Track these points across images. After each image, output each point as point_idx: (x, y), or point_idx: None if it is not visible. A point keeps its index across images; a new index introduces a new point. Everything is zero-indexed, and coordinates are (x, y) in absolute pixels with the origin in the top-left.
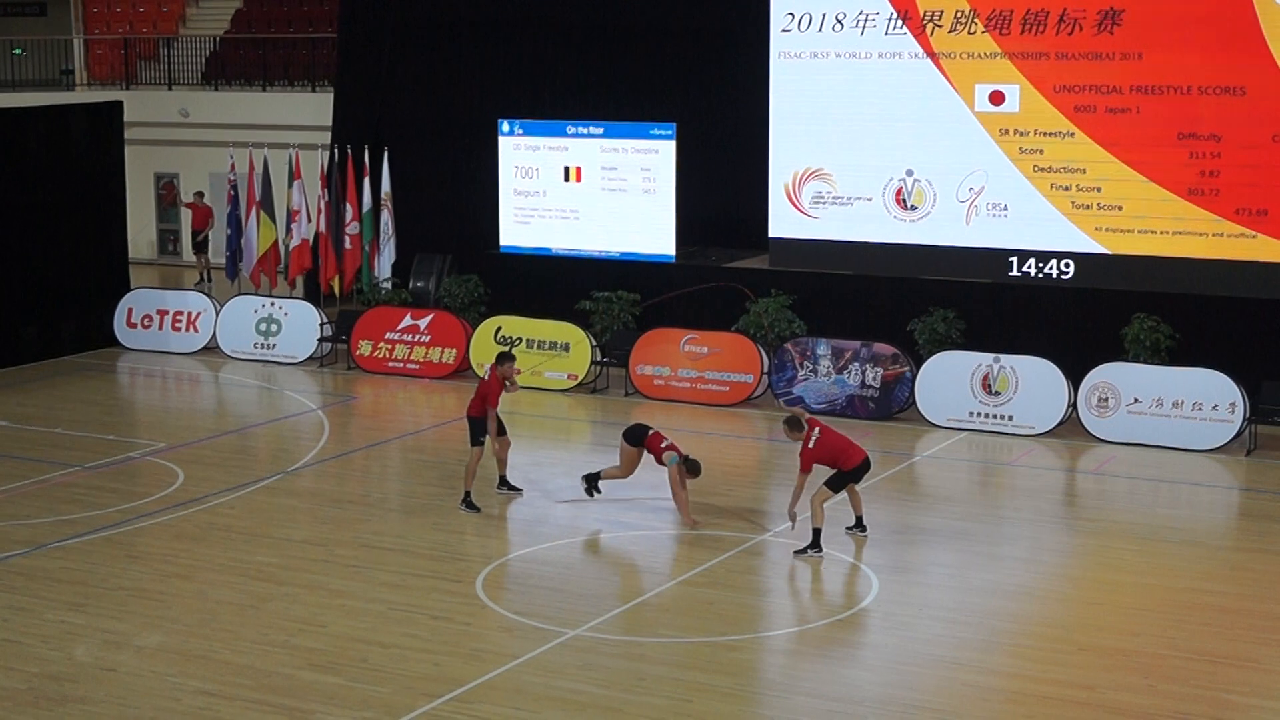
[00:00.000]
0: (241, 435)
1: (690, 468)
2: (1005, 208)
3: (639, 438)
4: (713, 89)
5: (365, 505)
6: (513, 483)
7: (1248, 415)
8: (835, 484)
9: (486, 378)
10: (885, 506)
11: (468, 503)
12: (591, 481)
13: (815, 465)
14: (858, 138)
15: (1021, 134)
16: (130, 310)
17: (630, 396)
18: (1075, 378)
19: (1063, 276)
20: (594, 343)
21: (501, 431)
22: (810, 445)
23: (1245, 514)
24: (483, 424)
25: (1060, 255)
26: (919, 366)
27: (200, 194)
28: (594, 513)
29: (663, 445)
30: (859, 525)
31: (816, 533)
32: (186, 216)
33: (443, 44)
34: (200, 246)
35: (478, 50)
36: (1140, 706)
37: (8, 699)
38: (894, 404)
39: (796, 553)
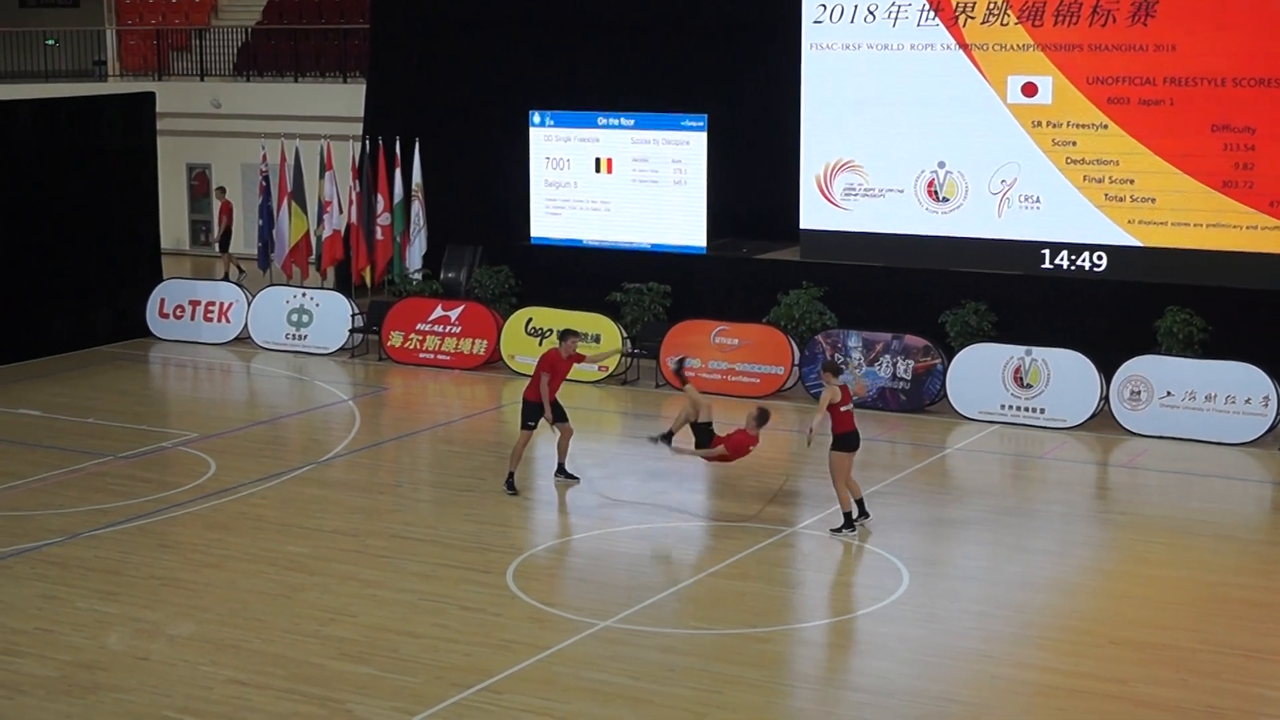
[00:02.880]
0: (273, 426)
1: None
2: (1038, 200)
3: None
4: (744, 80)
5: (396, 496)
6: (570, 471)
7: None
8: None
9: (553, 353)
10: (916, 499)
11: (510, 484)
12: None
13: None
14: (889, 129)
15: (1054, 126)
16: (162, 301)
17: (661, 388)
18: (1107, 371)
19: (1095, 269)
20: (625, 334)
21: (563, 418)
22: (842, 410)
23: (1278, 508)
24: (536, 408)
25: (1093, 248)
26: (950, 359)
27: (221, 189)
28: (625, 504)
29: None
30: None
31: (848, 516)
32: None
33: (474, 35)
34: (224, 244)
35: (509, 41)
36: (1172, 700)
37: (40, 687)
38: (925, 396)
39: (832, 531)
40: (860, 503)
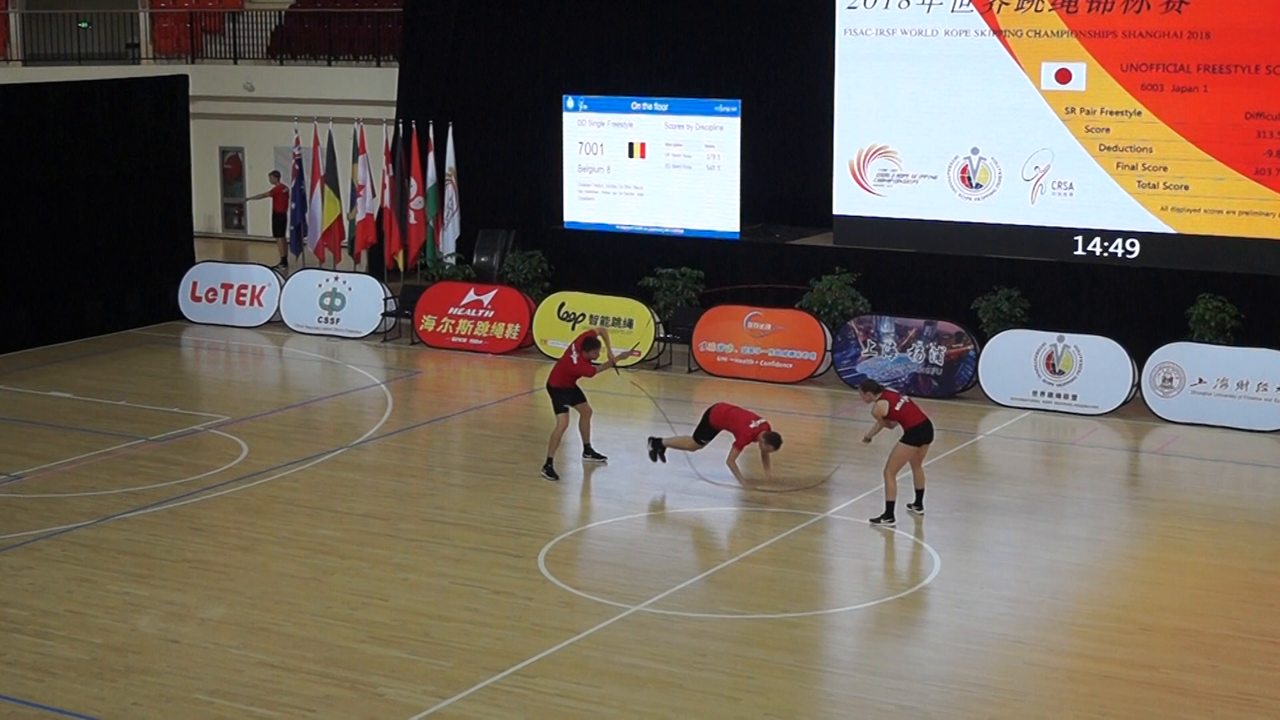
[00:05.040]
0: (305, 409)
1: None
2: (1071, 186)
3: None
4: (778, 66)
5: (428, 480)
6: (596, 451)
7: None
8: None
9: (576, 360)
10: (948, 485)
11: (549, 470)
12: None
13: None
14: (923, 115)
15: (1088, 112)
16: (195, 284)
17: (693, 373)
18: (1140, 357)
19: (1128, 256)
20: (657, 319)
21: (581, 399)
22: (898, 408)
23: None
24: (564, 393)
25: (1126, 234)
26: (983, 345)
27: (275, 174)
28: (656, 488)
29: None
30: (918, 503)
31: (890, 505)
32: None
33: (507, 19)
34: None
35: (543, 25)
36: (1203, 687)
37: (71, 669)
38: (957, 383)
39: (872, 521)
40: (920, 494)
